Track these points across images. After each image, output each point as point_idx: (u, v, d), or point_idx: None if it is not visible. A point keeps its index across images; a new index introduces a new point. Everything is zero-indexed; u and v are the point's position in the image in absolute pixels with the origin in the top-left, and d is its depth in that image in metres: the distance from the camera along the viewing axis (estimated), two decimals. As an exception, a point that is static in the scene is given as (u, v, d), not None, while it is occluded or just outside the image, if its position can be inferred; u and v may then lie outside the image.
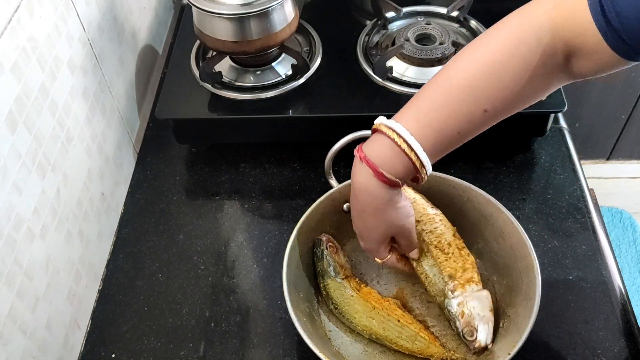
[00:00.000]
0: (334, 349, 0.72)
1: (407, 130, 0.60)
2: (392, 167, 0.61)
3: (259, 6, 0.84)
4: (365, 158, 0.62)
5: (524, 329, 0.64)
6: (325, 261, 0.75)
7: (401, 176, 0.62)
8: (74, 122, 0.77)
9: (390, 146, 0.61)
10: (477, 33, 0.98)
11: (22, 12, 0.66)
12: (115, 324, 0.79)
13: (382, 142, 0.62)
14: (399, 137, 0.60)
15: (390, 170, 0.61)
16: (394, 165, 0.61)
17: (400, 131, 0.60)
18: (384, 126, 0.62)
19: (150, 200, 0.91)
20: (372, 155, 0.62)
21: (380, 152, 0.62)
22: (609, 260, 0.81)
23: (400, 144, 0.60)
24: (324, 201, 0.77)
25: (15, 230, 0.64)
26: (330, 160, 0.77)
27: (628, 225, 1.93)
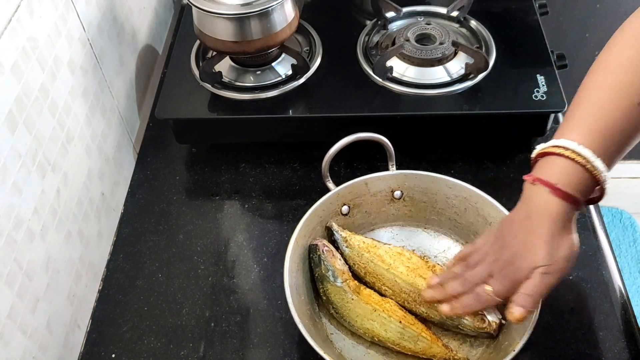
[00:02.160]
0: (336, 351, 0.71)
1: (572, 142, 0.59)
2: (569, 181, 0.59)
3: (259, 6, 0.84)
4: (539, 179, 0.60)
5: (528, 324, 0.64)
6: (322, 266, 0.74)
7: (579, 189, 0.60)
8: (74, 122, 0.77)
9: (560, 161, 0.60)
10: (477, 33, 0.98)
11: (22, 12, 0.66)
12: (115, 324, 0.79)
13: (550, 160, 0.61)
14: (566, 149, 0.59)
15: (568, 184, 0.59)
16: (571, 179, 0.59)
17: (566, 144, 0.59)
18: (547, 146, 0.61)
19: (150, 200, 0.91)
20: (543, 175, 0.61)
21: (551, 170, 0.60)
22: (609, 260, 0.81)
23: (569, 155, 0.59)
24: (322, 204, 0.77)
25: (15, 230, 0.64)
26: (327, 164, 0.77)
27: (628, 225, 1.93)
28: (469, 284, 0.66)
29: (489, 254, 0.66)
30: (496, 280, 0.64)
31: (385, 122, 0.89)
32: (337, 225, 0.78)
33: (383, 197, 0.81)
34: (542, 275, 0.61)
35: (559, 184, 0.59)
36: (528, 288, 0.61)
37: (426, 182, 0.79)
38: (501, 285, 0.63)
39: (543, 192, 0.60)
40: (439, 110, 0.88)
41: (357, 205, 0.80)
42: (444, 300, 0.68)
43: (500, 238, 0.65)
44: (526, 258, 0.61)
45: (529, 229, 0.62)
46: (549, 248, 0.60)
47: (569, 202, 0.60)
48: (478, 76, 0.90)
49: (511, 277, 0.63)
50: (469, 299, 0.66)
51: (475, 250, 0.68)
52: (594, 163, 0.59)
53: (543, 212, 0.60)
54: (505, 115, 0.88)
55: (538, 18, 1.00)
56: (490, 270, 0.65)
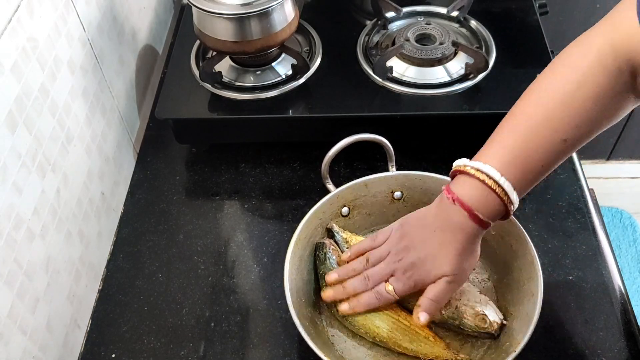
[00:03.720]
0: (337, 353, 0.71)
1: (496, 171, 0.61)
2: (485, 209, 0.62)
3: (259, 6, 0.84)
4: (459, 200, 0.63)
5: (529, 324, 0.65)
6: (328, 264, 0.75)
7: (492, 216, 0.63)
8: (74, 122, 0.77)
9: (481, 188, 0.62)
10: (477, 33, 0.98)
11: (22, 12, 0.66)
12: (115, 324, 0.79)
13: (471, 184, 0.63)
14: (489, 178, 0.61)
15: (484, 212, 0.62)
16: (486, 207, 0.62)
17: (489, 172, 0.61)
18: (471, 168, 0.63)
19: (150, 200, 0.91)
20: (464, 197, 0.63)
21: (471, 195, 0.62)
22: (609, 260, 0.81)
23: (491, 185, 0.61)
24: (322, 206, 0.77)
25: (15, 230, 0.64)
26: (326, 165, 0.77)
27: (628, 225, 1.93)
28: (370, 283, 0.69)
29: (392, 253, 0.68)
30: (399, 281, 0.67)
31: (385, 122, 0.89)
32: (337, 227, 0.78)
33: (383, 198, 0.81)
34: (447, 284, 0.65)
35: (477, 210, 0.62)
36: (433, 294, 0.66)
37: (426, 183, 0.79)
38: (404, 285, 0.67)
39: (461, 214, 0.63)
40: (439, 110, 0.88)
41: (357, 207, 0.80)
42: (344, 299, 0.71)
43: (406, 238, 0.68)
44: (435, 265, 0.65)
45: (441, 239, 0.65)
46: (459, 260, 0.65)
47: (481, 226, 0.63)
48: (478, 76, 0.90)
49: (416, 279, 0.66)
50: (369, 297, 0.69)
51: (375, 245, 0.71)
52: (512, 197, 0.62)
53: (458, 230, 0.64)
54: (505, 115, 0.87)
55: (538, 18, 1.00)
56: (393, 269, 0.67)
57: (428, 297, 0.66)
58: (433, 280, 0.66)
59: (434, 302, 0.66)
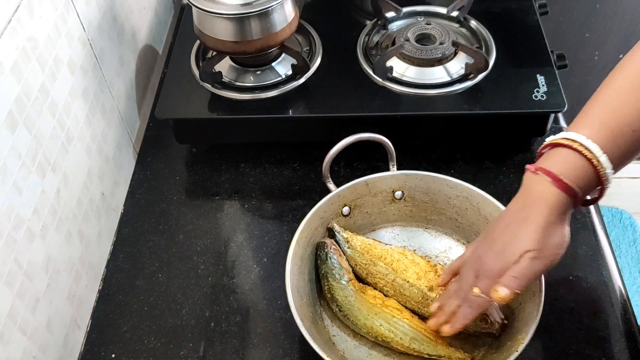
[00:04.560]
0: (338, 353, 0.71)
1: (581, 135, 0.58)
2: (571, 174, 0.58)
3: (259, 6, 0.84)
4: (542, 168, 0.59)
5: (531, 324, 0.65)
6: (329, 263, 0.75)
7: (581, 184, 0.59)
8: (74, 122, 0.77)
9: (566, 152, 0.59)
10: (477, 33, 0.98)
11: (22, 12, 0.66)
12: (115, 324, 0.79)
13: (556, 152, 0.60)
14: (574, 141, 0.59)
15: (570, 177, 0.58)
16: (573, 171, 0.58)
17: (573, 137, 0.59)
18: (557, 138, 0.60)
19: (150, 200, 0.91)
20: (547, 165, 0.60)
21: (556, 161, 0.59)
22: (609, 260, 0.81)
23: (577, 147, 0.58)
24: (323, 206, 0.77)
25: (15, 230, 0.64)
26: (327, 165, 0.77)
27: (628, 225, 1.93)
28: (461, 293, 0.65)
29: (474, 255, 0.64)
30: (482, 278, 0.62)
31: (385, 122, 0.89)
32: (338, 226, 0.78)
33: (384, 197, 0.81)
34: (531, 260, 0.59)
35: (562, 175, 0.58)
36: (515, 270, 0.60)
37: (427, 182, 0.79)
38: (488, 279, 0.61)
39: (544, 181, 0.59)
40: (439, 110, 0.88)
41: (358, 206, 0.80)
42: (447, 320, 0.66)
43: (490, 232, 0.64)
44: (516, 244, 0.60)
45: (522, 216, 0.60)
46: (541, 233, 0.59)
47: (568, 194, 0.59)
48: (478, 76, 0.90)
49: (499, 267, 0.60)
50: (463, 309, 0.64)
51: (463, 261, 0.67)
52: (600, 158, 0.58)
53: (541, 200, 0.59)
54: (505, 115, 0.87)
55: (538, 18, 1.00)
56: (476, 270, 0.63)
57: (509, 274, 0.60)
58: (516, 260, 0.60)
59: (517, 278, 0.60)
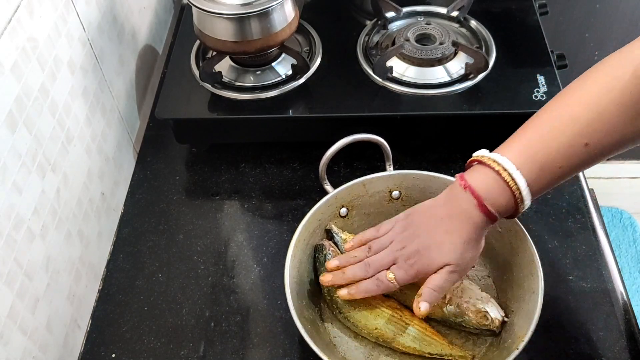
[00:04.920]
0: (339, 354, 0.71)
1: (512, 164, 0.61)
2: (495, 201, 0.62)
3: (259, 6, 0.84)
4: (470, 187, 0.63)
5: (531, 320, 0.65)
6: None
7: (501, 210, 0.63)
8: (74, 122, 0.77)
9: (494, 179, 0.62)
10: (477, 33, 0.98)
11: (22, 12, 0.66)
12: (115, 324, 0.79)
13: (485, 173, 0.63)
14: (504, 170, 0.61)
15: (493, 204, 0.62)
16: (497, 199, 0.62)
17: (505, 164, 0.61)
18: (488, 158, 0.63)
19: (150, 200, 0.91)
20: (476, 185, 0.63)
21: (484, 184, 0.62)
22: (609, 260, 0.81)
23: (505, 177, 0.61)
24: (321, 207, 0.77)
25: (15, 230, 0.64)
26: (324, 167, 0.77)
27: (628, 225, 1.93)
28: (371, 270, 0.68)
29: (395, 241, 0.68)
30: (400, 269, 0.66)
31: (385, 122, 0.89)
32: (336, 228, 0.78)
33: (381, 197, 0.81)
34: (449, 274, 0.65)
35: (486, 200, 0.62)
36: (434, 283, 0.65)
37: (424, 182, 0.79)
38: (406, 273, 0.66)
39: (470, 202, 0.63)
40: (439, 110, 0.88)
41: (355, 207, 0.80)
42: (343, 284, 0.70)
43: (411, 227, 0.67)
44: (439, 253, 0.65)
45: (448, 227, 0.64)
46: (462, 249, 0.64)
47: (488, 218, 0.63)
48: (478, 76, 0.90)
49: (418, 267, 0.65)
50: (369, 283, 0.68)
51: (379, 235, 0.70)
52: (523, 193, 0.61)
53: (466, 219, 0.63)
54: (505, 115, 0.87)
55: (538, 18, 1.00)
56: (395, 257, 0.67)
57: (429, 287, 0.65)
58: (435, 270, 0.65)
59: (435, 291, 0.65)
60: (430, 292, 0.65)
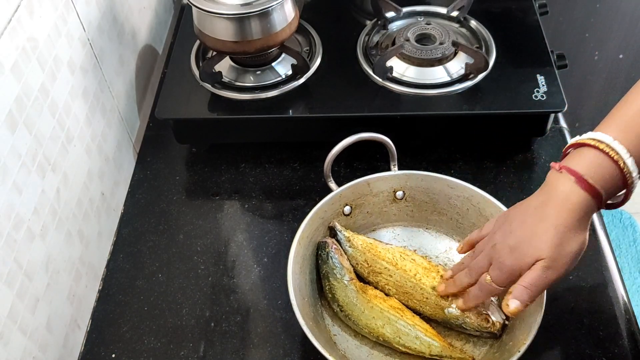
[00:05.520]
0: (340, 352, 0.71)
1: (608, 136, 0.57)
2: (596, 174, 0.57)
3: (259, 6, 0.84)
4: (566, 167, 0.58)
5: (532, 324, 0.65)
6: (330, 263, 0.75)
7: (605, 186, 0.57)
8: (74, 122, 0.77)
9: (592, 153, 0.58)
10: (477, 33, 0.98)
11: (22, 12, 0.66)
12: (115, 324, 0.79)
13: (581, 152, 0.59)
14: (600, 142, 0.57)
15: (595, 177, 0.57)
16: (598, 172, 0.57)
17: (599, 137, 0.57)
18: (582, 139, 0.59)
19: (150, 200, 0.91)
20: (572, 164, 0.58)
21: (581, 162, 0.58)
22: (609, 260, 0.81)
23: (604, 148, 0.57)
24: (324, 205, 0.77)
25: (15, 230, 0.64)
26: (329, 164, 0.77)
27: (628, 225, 1.93)
28: (474, 274, 0.65)
29: (492, 241, 0.63)
30: (495, 268, 0.62)
31: (385, 122, 0.89)
32: (340, 225, 0.78)
33: (385, 197, 0.81)
34: (545, 269, 0.58)
35: (586, 175, 0.57)
36: (526, 280, 0.59)
37: (428, 182, 0.79)
38: (501, 273, 0.61)
39: (568, 181, 0.58)
40: (439, 110, 0.88)
41: (359, 206, 0.80)
42: (458, 293, 0.68)
43: (508, 223, 0.62)
44: (531, 246, 0.59)
45: (541, 215, 0.59)
46: (559, 240, 0.58)
47: (592, 196, 0.57)
48: (478, 76, 0.90)
49: (511, 264, 0.60)
50: (475, 290, 0.65)
51: (482, 236, 0.67)
52: (627, 161, 0.57)
53: (562, 201, 0.58)
54: (505, 115, 0.88)
55: (538, 18, 1.00)
56: (491, 257, 0.63)
57: (521, 284, 0.59)
58: (529, 265, 0.59)
59: (527, 289, 0.59)
60: (521, 290, 0.59)
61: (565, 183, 0.58)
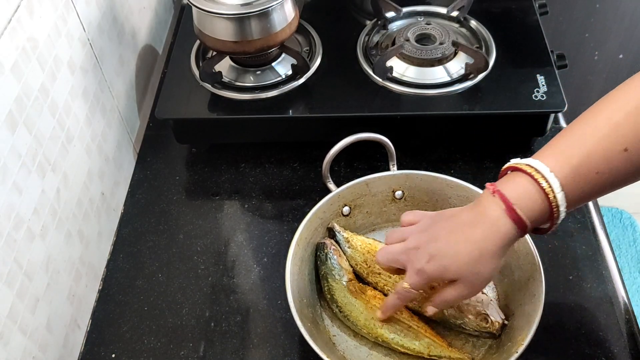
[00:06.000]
0: (338, 353, 0.71)
1: (545, 166, 0.58)
2: (526, 206, 0.58)
3: (259, 6, 0.84)
4: (499, 192, 0.59)
5: (531, 324, 0.65)
6: (329, 264, 0.75)
7: (532, 217, 0.59)
8: (74, 122, 0.77)
9: (527, 182, 0.58)
10: (477, 33, 0.98)
11: (22, 12, 0.66)
12: (115, 324, 0.79)
13: (517, 178, 0.60)
14: (537, 172, 0.58)
15: (524, 209, 0.58)
16: (528, 204, 0.58)
17: (537, 166, 0.58)
18: (520, 163, 0.60)
19: (150, 200, 0.91)
20: (505, 190, 0.59)
21: (514, 189, 0.59)
22: (609, 260, 0.81)
23: (538, 178, 0.58)
24: (323, 206, 0.77)
25: (15, 230, 0.64)
26: (327, 165, 0.77)
27: (628, 225, 1.93)
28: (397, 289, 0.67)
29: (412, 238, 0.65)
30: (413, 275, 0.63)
31: (385, 122, 0.89)
32: (338, 226, 0.78)
33: (384, 197, 0.81)
34: (461, 290, 0.63)
35: (516, 205, 0.59)
36: (445, 295, 0.64)
37: (427, 182, 0.79)
38: (419, 279, 0.63)
39: (498, 207, 0.59)
40: (439, 110, 0.88)
41: (358, 206, 0.80)
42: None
43: (433, 228, 0.64)
44: (453, 263, 0.61)
45: (468, 236, 0.61)
46: (480, 265, 0.61)
47: (518, 227, 0.59)
48: (478, 76, 0.90)
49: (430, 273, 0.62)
50: (390, 299, 0.68)
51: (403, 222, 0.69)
52: (557, 194, 0.57)
53: (490, 226, 0.60)
54: (505, 115, 0.88)
55: (538, 18, 1.00)
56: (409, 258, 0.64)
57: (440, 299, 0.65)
58: (446, 281, 0.63)
59: (444, 303, 0.65)
60: (441, 301, 0.65)
61: (495, 209, 0.60)
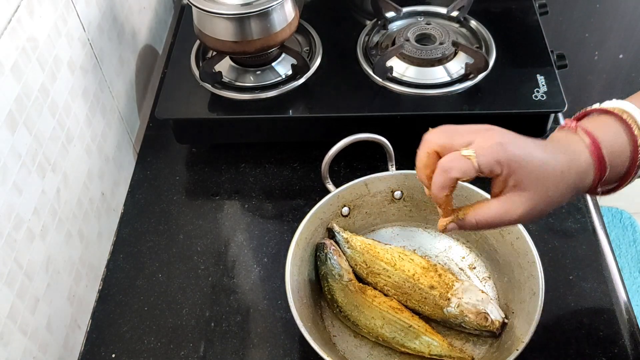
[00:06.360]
0: (339, 353, 0.72)
1: (636, 108, 0.52)
2: (611, 147, 0.52)
3: (259, 6, 0.84)
4: (583, 128, 0.53)
5: (531, 322, 0.65)
6: (329, 264, 0.75)
7: (614, 163, 0.52)
8: (74, 122, 0.77)
9: (612, 120, 0.53)
10: (477, 33, 0.98)
11: (22, 12, 0.66)
12: (115, 324, 0.79)
13: (600, 117, 0.54)
14: (622, 111, 0.53)
15: (609, 147, 0.52)
16: (614, 143, 0.52)
17: (623, 106, 0.53)
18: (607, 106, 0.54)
19: (150, 200, 0.91)
20: (589, 127, 0.53)
21: (600, 125, 0.53)
22: (609, 260, 0.81)
23: (626, 118, 0.52)
24: (322, 206, 0.77)
25: (15, 230, 0.64)
26: (326, 165, 0.77)
27: (628, 225, 1.93)
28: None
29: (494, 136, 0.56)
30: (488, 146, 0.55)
31: (385, 122, 0.89)
32: (338, 227, 0.78)
33: (383, 197, 0.81)
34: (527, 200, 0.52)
35: (602, 142, 0.52)
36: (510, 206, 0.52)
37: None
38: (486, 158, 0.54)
39: (579, 142, 0.53)
40: (439, 110, 0.88)
41: (357, 206, 0.80)
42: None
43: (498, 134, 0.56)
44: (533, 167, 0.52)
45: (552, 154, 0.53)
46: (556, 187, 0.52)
47: (597, 167, 0.52)
48: (478, 76, 0.90)
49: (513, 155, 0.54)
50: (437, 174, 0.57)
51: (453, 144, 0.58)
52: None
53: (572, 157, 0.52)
54: (505, 115, 0.87)
55: (538, 18, 1.00)
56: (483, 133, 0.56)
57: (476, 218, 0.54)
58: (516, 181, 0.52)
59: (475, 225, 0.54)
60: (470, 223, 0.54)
61: (578, 143, 0.53)
